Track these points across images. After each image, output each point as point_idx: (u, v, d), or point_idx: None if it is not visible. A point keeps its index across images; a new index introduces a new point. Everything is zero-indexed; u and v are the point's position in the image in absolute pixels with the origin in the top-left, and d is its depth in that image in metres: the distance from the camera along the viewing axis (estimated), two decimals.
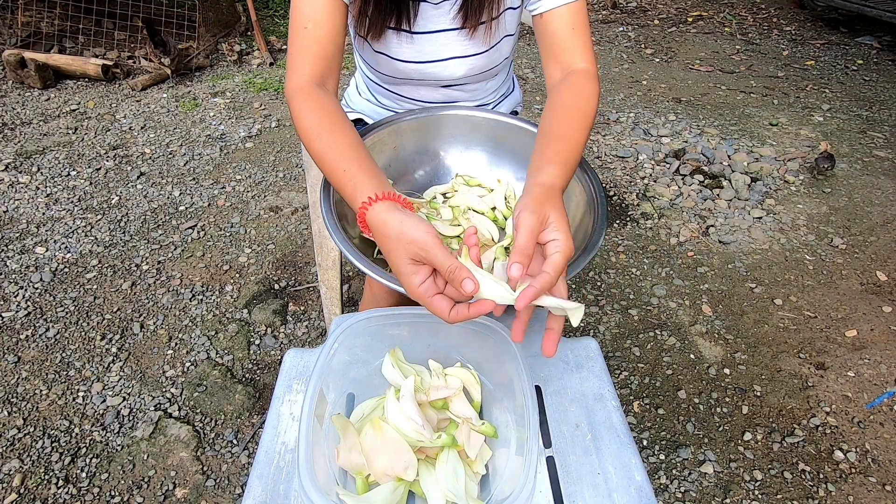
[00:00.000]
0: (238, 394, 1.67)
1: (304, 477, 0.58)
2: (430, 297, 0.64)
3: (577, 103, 0.85)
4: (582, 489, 0.69)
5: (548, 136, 0.81)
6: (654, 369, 1.79)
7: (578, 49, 0.91)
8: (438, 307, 0.64)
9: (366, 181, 0.73)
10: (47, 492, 1.44)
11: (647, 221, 2.38)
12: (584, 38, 0.92)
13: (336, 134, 0.79)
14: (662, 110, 3.19)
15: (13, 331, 1.84)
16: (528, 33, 3.99)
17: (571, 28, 0.91)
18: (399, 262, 0.66)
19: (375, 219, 0.69)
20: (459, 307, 0.64)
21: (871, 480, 1.51)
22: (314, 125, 0.80)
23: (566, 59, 0.92)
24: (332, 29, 0.87)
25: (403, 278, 0.66)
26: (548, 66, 0.95)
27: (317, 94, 0.83)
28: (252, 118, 3.03)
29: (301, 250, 2.20)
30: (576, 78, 0.89)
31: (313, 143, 0.80)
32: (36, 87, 3.19)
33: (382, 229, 0.68)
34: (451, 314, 0.64)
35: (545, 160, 0.76)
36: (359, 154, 0.77)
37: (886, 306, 2.00)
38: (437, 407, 0.74)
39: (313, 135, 0.80)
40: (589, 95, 0.87)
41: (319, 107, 0.82)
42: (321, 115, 0.81)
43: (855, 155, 2.83)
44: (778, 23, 4.47)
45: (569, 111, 0.84)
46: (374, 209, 0.69)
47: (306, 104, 0.82)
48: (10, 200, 2.39)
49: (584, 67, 0.91)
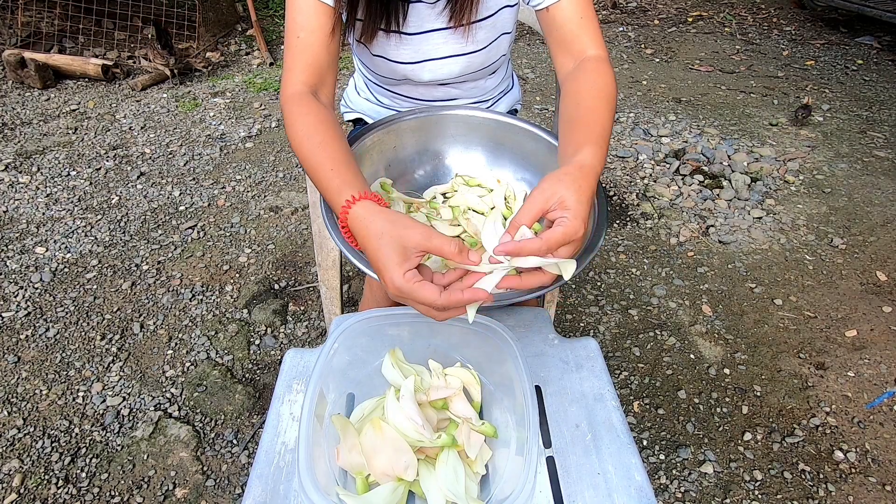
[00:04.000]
0: (238, 394, 1.67)
1: (304, 477, 0.58)
2: (415, 282, 0.62)
3: (598, 86, 0.83)
4: (582, 489, 0.69)
5: (574, 121, 0.78)
6: (654, 369, 1.79)
7: (588, 37, 0.90)
8: (426, 293, 0.61)
9: (353, 181, 0.73)
10: (47, 492, 1.44)
11: (647, 221, 2.38)
12: (593, 26, 0.90)
13: (326, 138, 0.79)
14: (662, 110, 3.19)
15: (13, 331, 1.84)
16: (529, 33, 3.99)
17: (580, 17, 0.90)
18: (384, 252, 0.63)
19: (361, 214, 0.68)
20: (452, 290, 0.62)
21: (871, 480, 1.51)
22: (305, 128, 0.80)
23: (577, 48, 0.90)
24: (324, 37, 0.87)
25: (388, 269, 0.63)
26: (558, 57, 0.93)
27: (309, 101, 0.84)
28: (252, 118, 3.03)
29: (301, 250, 2.20)
30: (590, 64, 0.87)
31: (303, 144, 0.79)
32: (36, 87, 3.19)
33: (369, 224, 0.67)
34: (443, 297, 0.61)
35: (578, 143, 0.73)
36: (348, 158, 0.77)
37: (886, 306, 2.00)
38: (437, 407, 0.74)
39: (303, 136, 0.80)
40: (607, 79, 0.84)
41: (312, 113, 0.82)
42: (313, 120, 0.81)
43: (855, 155, 2.83)
44: (778, 23, 4.47)
45: (590, 95, 0.82)
46: (360, 205, 0.69)
47: (299, 109, 0.83)
48: (10, 200, 2.39)
49: (597, 54, 0.89)
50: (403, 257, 0.63)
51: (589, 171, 0.69)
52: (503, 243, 0.61)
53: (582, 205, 0.64)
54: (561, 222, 0.63)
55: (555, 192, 0.64)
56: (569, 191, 0.64)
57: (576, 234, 0.63)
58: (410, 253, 0.63)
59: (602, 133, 0.76)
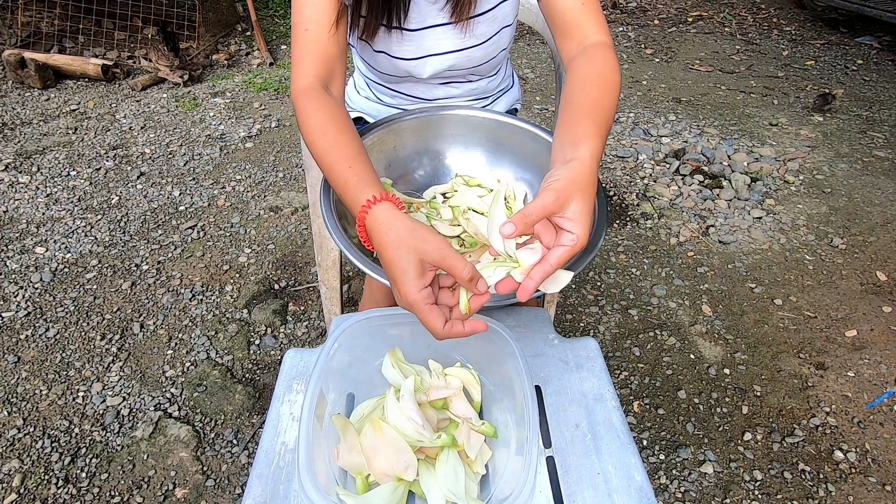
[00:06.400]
0: (238, 394, 1.67)
1: (304, 477, 0.58)
2: (428, 304, 0.64)
3: (602, 74, 0.82)
4: (582, 489, 0.69)
5: (577, 109, 0.77)
6: (654, 369, 1.79)
7: (591, 22, 0.89)
8: (433, 319, 0.63)
9: (370, 180, 0.73)
10: (47, 492, 1.44)
11: (647, 221, 2.38)
12: (595, 10, 0.89)
13: (341, 133, 0.79)
14: (662, 110, 3.19)
15: (13, 331, 1.84)
16: (528, 33, 3.98)
17: (581, 3, 0.88)
18: (402, 264, 0.64)
19: (381, 217, 0.68)
20: (455, 323, 0.64)
21: (871, 480, 1.51)
22: (319, 123, 0.80)
23: (580, 33, 0.89)
24: (332, 30, 0.87)
25: (404, 283, 0.64)
26: (561, 43, 0.91)
27: (322, 96, 0.83)
28: (252, 118, 3.03)
29: (301, 250, 2.20)
30: (594, 51, 0.86)
31: (318, 141, 0.79)
32: (36, 87, 3.19)
33: (388, 230, 0.67)
34: (445, 328, 0.64)
35: (581, 134, 0.72)
36: (364, 155, 0.77)
37: (886, 306, 2.00)
38: (437, 407, 0.74)
39: (318, 132, 0.79)
40: (612, 66, 0.83)
41: (325, 107, 0.82)
42: (327, 115, 0.81)
43: (855, 155, 2.83)
44: (778, 23, 4.47)
45: (595, 83, 0.81)
46: (381, 207, 0.68)
47: (311, 104, 0.82)
48: (10, 200, 2.39)
49: (601, 40, 0.88)
50: (420, 272, 0.64)
51: (593, 168, 0.69)
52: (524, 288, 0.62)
53: (586, 216, 0.65)
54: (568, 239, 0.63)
55: (569, 198, 0.64)
56: (579, 201, 0.64)
57: (582, 249, 0.64)
58: (427, 267, 0.64)
59: (606, 125, 0.76)
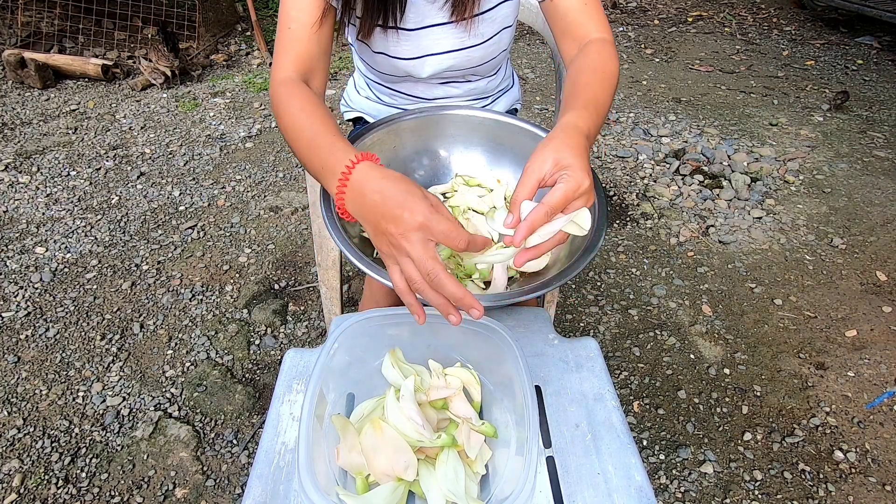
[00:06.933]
0: (238, 394, 1.67)
1: (304, 477, 0.58)
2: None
3: (599, 65, 0.83)
4: (582, 489, 0.69)
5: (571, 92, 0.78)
6: (654, 369, 1.79)
7: (593, 21, 0.90)
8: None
9: (347, 147, 0.71)
10: (47, 492, 1.44)
11: (647, 221, 2.38)
12: (597, 10, 0.90)
13: (318, 115, 0.78)
14: (662, 110, 3.19)
15: (13, 331, 1.84)
16: (529, 33, 3.98)
17: (584, 3, 0.89)
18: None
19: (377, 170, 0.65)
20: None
21: (871, 480, 1.51)
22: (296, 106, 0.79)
23: (581, 32, 0.90)
24: (316, 28, 0.87)
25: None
26: (563, 43, 0.93)
27: (300, 86, 0.83)
28: (252, 118, 3.03)
29: (301, 250, 2.20)
30: (593, 46, 0.87)
31: (296, 119, 0.78)
32: (36, 87, 3.19)
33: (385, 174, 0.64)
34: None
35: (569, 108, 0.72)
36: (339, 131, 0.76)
37: (886, 306, 2.00)
38: (437, 407, 0.74)
39: (297, 109, 0.78)
40: (608, 56, 0.84)
41: (303, 94, 0.81)
42: (304, 100, 0.80)
43: (855, 155, 2.83)
44: (778, 23, 4.47)
45: (590, 71, 0.81)
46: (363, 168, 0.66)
47: (289, 91, 0.82)
48: (10, 200, 2.39)
49: (601, 37, 0.89)
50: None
51: (573, 130, 0.68)
52: (516, 229, 0.60)
53: (578, 158, 0.63)
54: (561, 179, 0.62)
55: (545, 157, 0.63)
56: (560, 151, 0.63)
57: (580, 187, 0.62)
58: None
59: (591, 99, 0.75)
